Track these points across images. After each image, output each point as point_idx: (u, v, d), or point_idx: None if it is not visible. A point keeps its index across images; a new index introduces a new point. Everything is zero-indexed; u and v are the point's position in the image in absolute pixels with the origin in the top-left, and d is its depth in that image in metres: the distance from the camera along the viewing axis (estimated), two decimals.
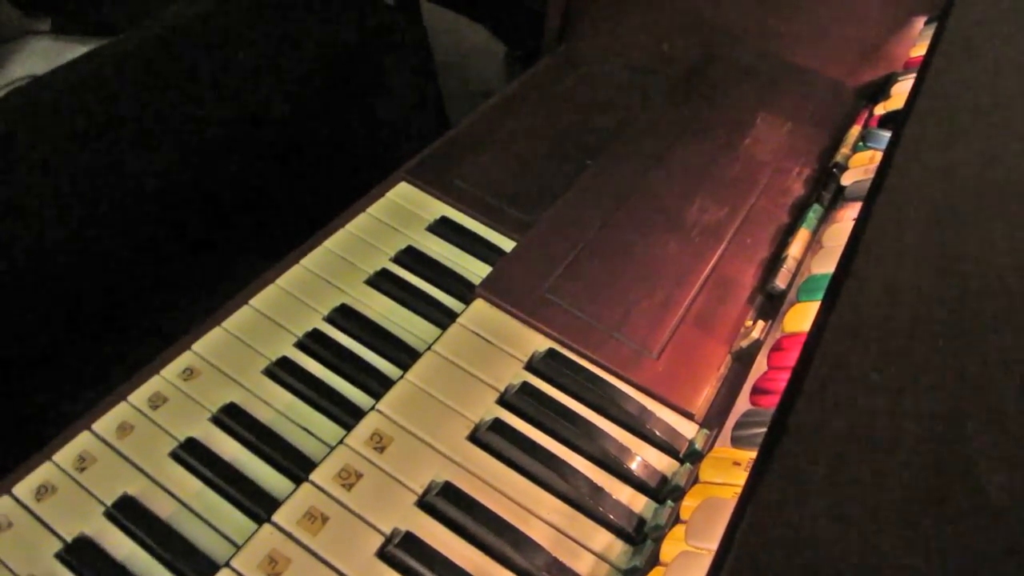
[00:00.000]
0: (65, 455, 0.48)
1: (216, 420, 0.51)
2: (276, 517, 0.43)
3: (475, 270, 0.62)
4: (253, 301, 0.58)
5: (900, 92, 0.65)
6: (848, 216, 0.56)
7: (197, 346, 0.55)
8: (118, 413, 0.50)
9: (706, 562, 0.29)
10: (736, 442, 0.42)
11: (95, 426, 0.49)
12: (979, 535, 0.22)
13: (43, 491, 0.46)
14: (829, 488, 0.25)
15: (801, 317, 0.47)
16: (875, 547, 0.23)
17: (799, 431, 0.26)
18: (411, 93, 1.03)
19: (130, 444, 0.49)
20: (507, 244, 0.64)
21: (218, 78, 0.80)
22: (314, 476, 0.45)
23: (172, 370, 0.53)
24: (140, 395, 0.51)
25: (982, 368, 0.26)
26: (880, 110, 0.66)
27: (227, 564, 0.41)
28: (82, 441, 0.49)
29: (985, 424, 0.24)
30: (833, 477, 0.25)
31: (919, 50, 0.69)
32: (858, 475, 0.24)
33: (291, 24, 0.86)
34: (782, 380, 0.36)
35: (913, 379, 0.26)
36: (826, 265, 0.50)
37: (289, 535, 0.42)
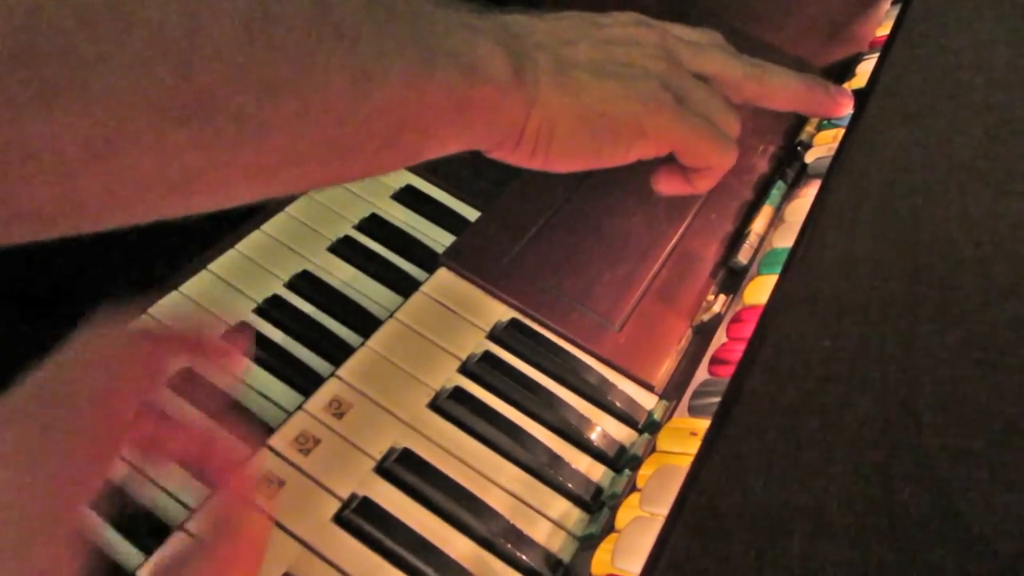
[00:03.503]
0: None
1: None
2: None
3: (439, 239, 0.62)
4: (212, 266, 0.57)
5: (865, 71, 0.65)
6: (811, 193, 0.56)
7: (153, 310, 0.53)
8: None
9: (659, 527, 0.29)
10: (694, 411, 0.43)
11: None
12: (925, 506, 0.22)
13: None
14: (779, 455, 0.25)
15: (761, 290, 0.48)
16: (822, 514, 0.23)
17: (752, 399, 0.26)
18: None
19: None
20: (472, 214, 0.63)
21: None
22: (271, 441, 0.44)
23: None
24: None
25: (933, 338, 0.26)
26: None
27: (180, 527, 0.41)
28: None
29: (934, 395, 0.25)
30: (783, 444, 0.25)
31: (884, 30, 0.70)
32: (808, 443, 0.25)
33: None
34: (741, 351, 0.37)
35: (865, 349, 0.27)
36: (787, 239, 0.50)
37: None
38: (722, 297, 0.55)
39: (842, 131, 0.61)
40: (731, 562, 0.23)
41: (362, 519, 0.41)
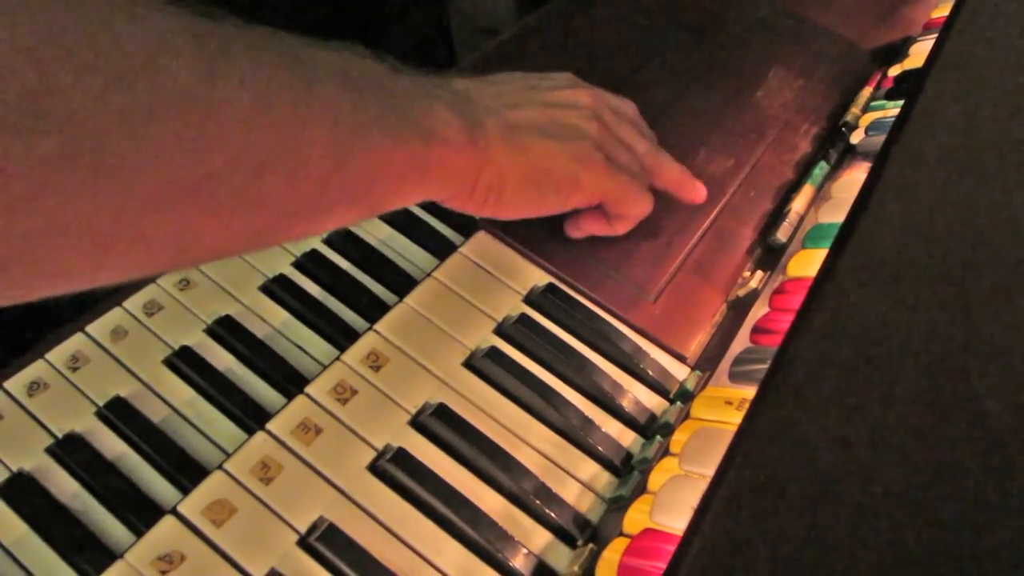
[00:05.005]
0: (58, 354, 0.47)
1: (211, 331, 0.50)
2: (270, 425, 0.43)
3: None
4: None
5: (918, 52, 0.64)
6: (856, 172, 0.56)
7: None
8: (113, 317, 0.50)
9: (699, 485, 0.30)
10: (735, 378, 0.43)
11: (89, 328, 0.49)
12: (979, 462, 0.22)
13: (35, 387, 0.46)
14: (832, 415, 0.25)
15: (806, 263, 0.47)
16: (876, 472, 0.23)
17: (805, 359, 0.26)
18: (420, 27, 1.01)
19: (124, 348, 0.49)
20: None
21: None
22: (309, 389, 0.45)
23: (168, 279, 0.52)
24: (135, 301, 0.51)
25: (991, 308, 0.26)
26: (895, 71, 0.66)
27: (220, 467, 0.41)
28: (76, 342, 0.48)
29: (989, 359, 0.25)
30: (836, 404, 0.25)
31: (940, 11, 0.69)
32: (861, 403, 0.25)
33: None
34: (784, 320, 0.37)
35: (920, 315, 0.27)
36: (835, 215, 0.50)
37: (283, 443, 0.43)
38: (759, 273, 0.55)
39: (888, 112, 0.61)
40: (782, 518, 0.23)
41: (396, 468, 0.42)
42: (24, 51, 0.22)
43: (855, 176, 0.54)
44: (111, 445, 0.45)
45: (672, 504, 0.34)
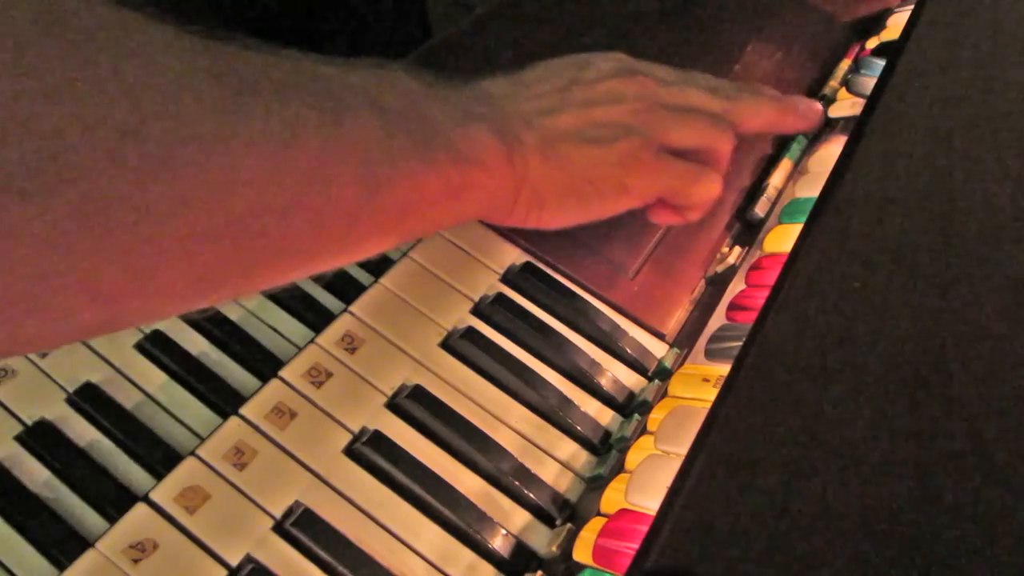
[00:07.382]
0: None
1: (183, 315, 0.50)
2: (244, 410, 0.43)
3: None
4: None
5: (896, 23, 0.64)
6: (834, 146, 0.55)
7: None
8: None
9: (674, 465, 0.30)
10: (710, 355, 0.43)
11: None
12: (953, 445, 0.22)
13: (3, 374, 0.45)
14: (805, 393, 0.25)
15: (782, 238, 0.47)
16: (848, 451, 0.23)
17: (779, 336, 0.26)
18: (395, 1, 0.99)
19: None
20: None
21: None
22: (283, 372, 0.44)
23: None
24: None
25: (964, 284, 0.26)
26: (873, 43, 0.66)
27: (193, 453, 0.41)
28: None
29: (964, 336, 0.25)
30: (809, 382, 0.25)
31: None
32: (836, 380, 0.25)
33: None
34: (760, 297, 0.37)
35: (896, 291, 0.26)
36: (811, 189, 0.50)
37: (256, 428, 0.42)
38: (737, 249, 0.54)
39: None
40: (755, 496, 0.23)
41: (373, 451, 0.42)
42: (26, 111, 0.21)
43: (832, 150, 0.54)
44: (83, 432, 0.44)
45: (647, 484, 0.34)
